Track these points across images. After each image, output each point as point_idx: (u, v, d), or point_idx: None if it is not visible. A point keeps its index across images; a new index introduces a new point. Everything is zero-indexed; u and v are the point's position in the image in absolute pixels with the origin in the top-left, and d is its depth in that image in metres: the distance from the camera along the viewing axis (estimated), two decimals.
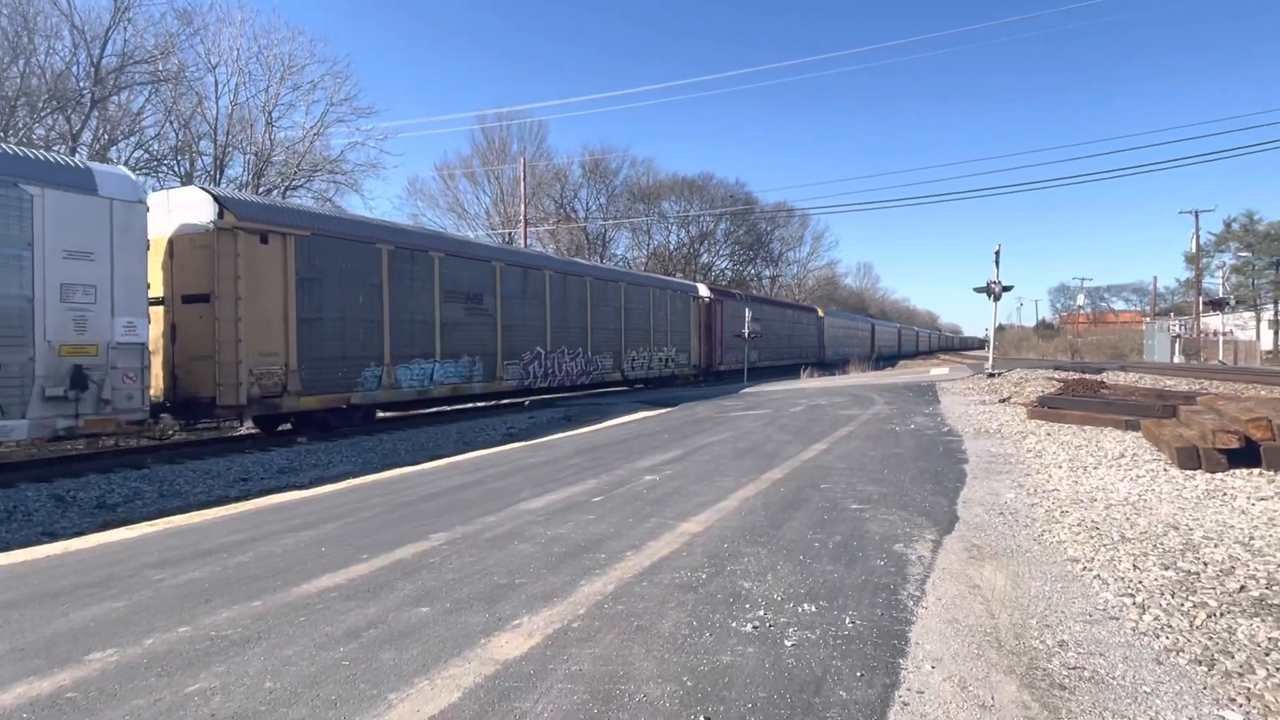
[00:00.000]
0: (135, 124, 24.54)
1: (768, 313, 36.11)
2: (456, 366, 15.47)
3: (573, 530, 5.52)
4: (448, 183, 50.34)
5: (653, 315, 24.25)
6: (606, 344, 21.36)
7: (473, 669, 3.15)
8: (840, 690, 2.94)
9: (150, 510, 7.90)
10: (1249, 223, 61.95)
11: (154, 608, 3.98)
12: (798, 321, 41.94)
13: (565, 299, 19.46)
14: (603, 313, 21.28)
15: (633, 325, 22.87)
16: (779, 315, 38.82)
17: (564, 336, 19.27)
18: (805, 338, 42.30)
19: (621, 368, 22.23)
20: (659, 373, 24.61)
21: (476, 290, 16.14)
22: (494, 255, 17.38)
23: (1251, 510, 5.68)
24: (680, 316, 26.45)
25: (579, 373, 19.89)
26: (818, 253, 73.59)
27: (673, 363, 25.71)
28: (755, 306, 32.71)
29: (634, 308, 22.97)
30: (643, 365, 23.54)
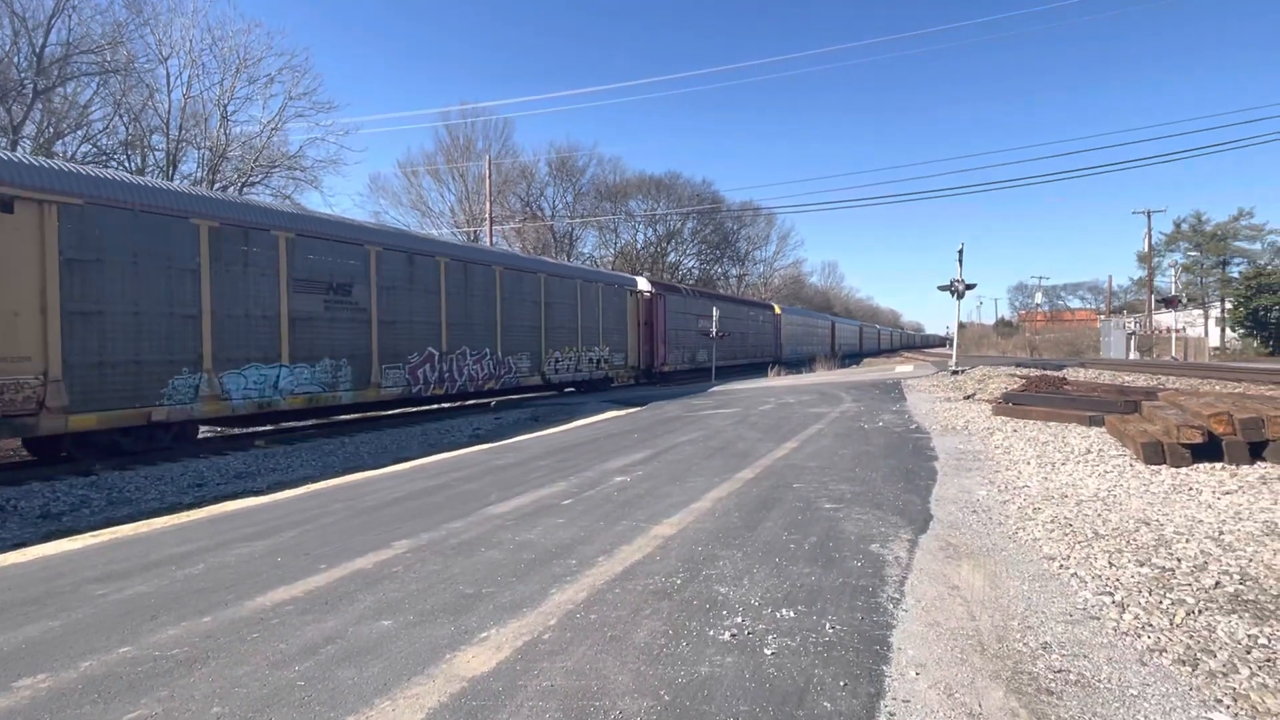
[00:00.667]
0: (82, 117, 23.65)
1: (719, 309, 33.90)
2: (314, 372, 12.59)
3: (542, 535, 5.34)
4: (411, 180, 49.60)
5: (581, 311, 21.47)
6: (522, 343, 18.58)
7: (438, 687, 2.98)
8: (824, 701, 2.83)
9: (97, 519, 7.52)
10: (1197, 223, 63.98)
11: (94, 626, 3.72)
12: (753, 319, 39.55)
13: (468, 291, 16.66)
14: (518, 307, 18.46)
15: (556, 322, 20.17)
16: (732, 312, 36.26)
17: (466, 335, 16.54)
18: (761, 336, 40.22)
19: (542, 370, 19.39)
20: (589, 375, 21.91)
21: (343, 279, 13.26)
22: (367, 237, 14.20)
23: (1218, 504, 5.73)
24: (616, 313, 23.73)
25: (486, 376, 17.16)
26: (784, 252, 74.25)
27: (606, 364, 22.92)
28: (702, 302, 31.53)
29: (557, 302, 20.22)
30: (569, 367, 20.84)
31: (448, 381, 16.00)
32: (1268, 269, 55.81)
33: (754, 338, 39.07)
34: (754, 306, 41.61)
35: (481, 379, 17.07)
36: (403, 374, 14.67)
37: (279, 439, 12.63)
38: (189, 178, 26.77)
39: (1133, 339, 48.40)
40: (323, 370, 12.83)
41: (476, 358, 16.92)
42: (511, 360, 18.22)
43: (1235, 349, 55.18)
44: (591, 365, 22.09)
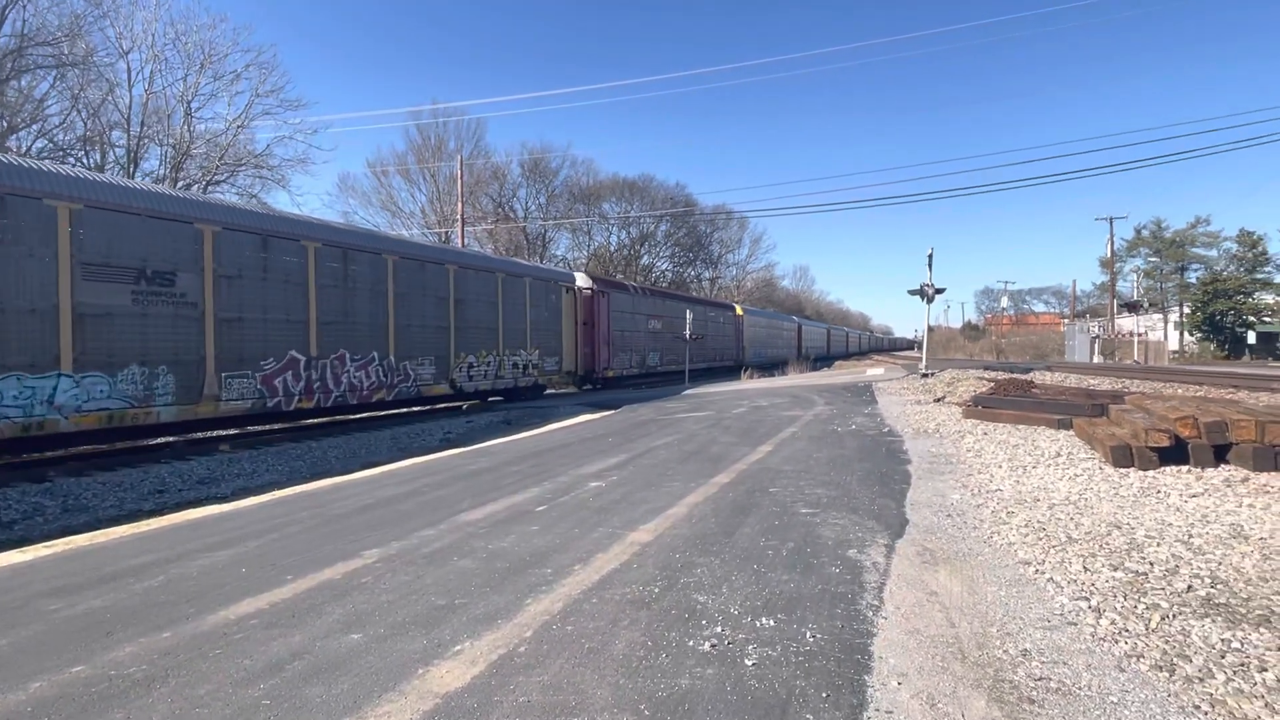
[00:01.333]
0: (38, 111, 22.93)
1: (670, 308, 31.55)
2: (114, 383, 9.91)
3: (516, 543, 5.24)
4: (381, 180, 48.92)
5: (504, 309, 18.76)
6: (424, 346, 15.95)
7: (410, 704, 2.87)
8: (806, 713, 2.78)
9: (52, 528, 7.24)
10: (1157, 230, 65.60)
11: (44, 644, 3.55)
12: (712, 320, 37.01)
13: (348, 284, 13.88)
14: (418, 304, 15.76)
15: (470, 321, 17.39)
16: (685, 311, 33.85)
17: (346, 336, 13.79)
18: (722, 338, 38.06)
19: (450, 377, 16.65)
20: (513, 382, 19.17)
21: (162, 266, 10.53)
22: (200, 212, 11.29)
23: (1186, 507, 5.82)
24: (548, 312, 20.98)
25: (373, 385, 14.42)
26: (756, 255, 74.64)
27: (535, 369, 20.20)
28: (654, 301, 29.38)
29: (472, 299, 17.54)
30: (487, 373, 18.01)
31: (319, 392, 13.16)
32: (1223, 275, 57.45)
33: (714, 340, 37.16)
34: (713, 307, 39.29)
35: (367, 388, 14.27)
36: (252, 383, 11.95)
37: (244, 443, 12.32)
38: (151, 175, 26.12)
39: (1096, 342, 49.47)
40: (128, 380, 10.09)
41: (360, 363, 14.13)
42: (409, 366, 15.46)
43: (1193, 352, 56.71)
44: (517, 371, 19.38)
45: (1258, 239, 57.29)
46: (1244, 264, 57.91)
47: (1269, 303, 56.53)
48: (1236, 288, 55.37)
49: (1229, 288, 55.32)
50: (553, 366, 21.35)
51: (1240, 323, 55.58)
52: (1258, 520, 5.34)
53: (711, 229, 65.15)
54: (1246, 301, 55.47)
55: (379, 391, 14.65)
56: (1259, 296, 56.65)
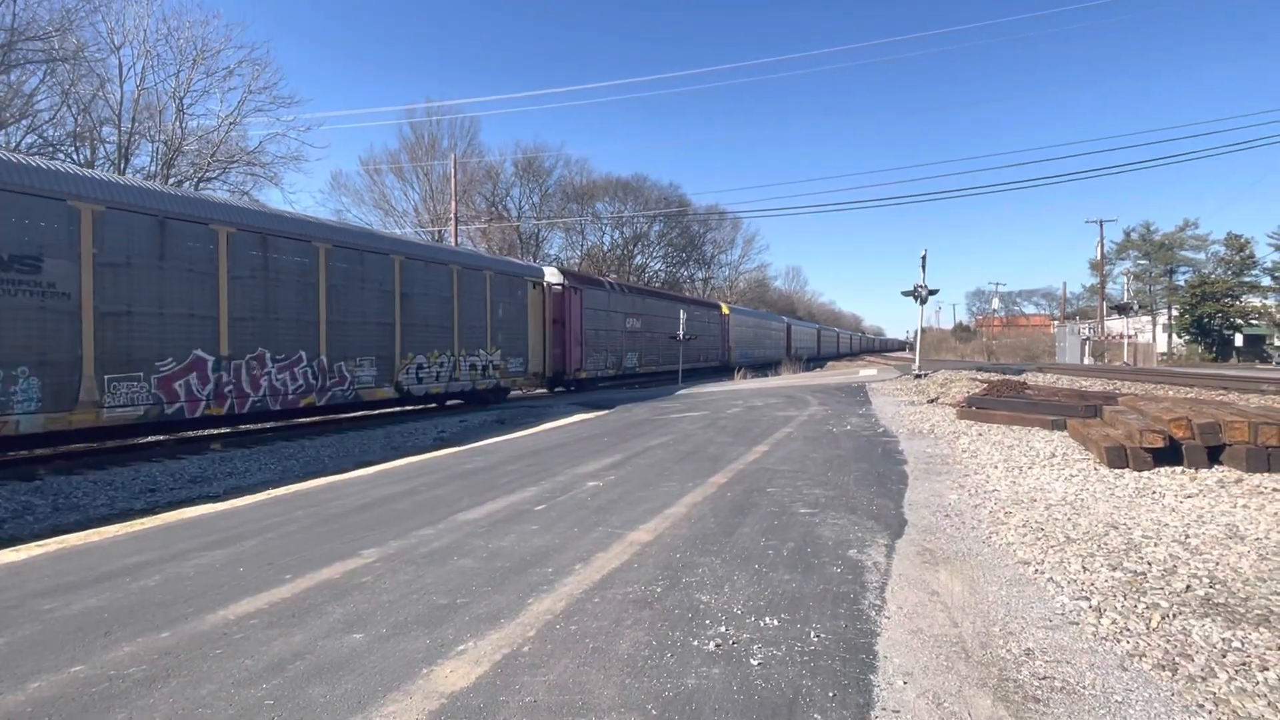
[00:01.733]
0: (28, 106, 22.68)
1: (650, 306, 29.98)
2: None
3: (516, 543, 5.22)
4: (374, 178, 48.69)
5: (461, 305, 16.97)
6: (364, 345, 14.25)
7: (415, 704, 2.85)
8: (814, 713, 2.78)
9: (42, 527, 7.17)
10: (1146, 233, 66.21)
11: (41, 644, 3.50)
12: (696, 319, 34.93)
13: (269, 274, 12.13)
14: (356, 298, 14.05)
15: (420, 318, 15.69)
16: (668, 310, 31.72)
17: (266, 333, 12.07)
18: (706, 338, 36.42)
19: (396, 379, 14.97)
20: (471, 384, 17.44)
21: (22, 249, 8.91)
22: (77, 189, 9.64)
23: (1181, 508, 5.86)
24: (513, 308, 19.25)
25: (301, 389, 12.71)
26: (749, 256, 74.80)
27: (497, 370, 18.40)
28: (632, 299, 27.90)
29: (422, 293, 15.84)
30: (440, 375, 16.29)
31: (232, 397, 11.54)
32: (1211, 278, 57.96)
33: (698, 340, 35.30)
34: (698, 305, 37.59)
35: (293, 392, 12.58)
36: (145, 388, 10.33)
37: (235, 442, 12.24)
38: (142, 171, 25.91)
39: (1087, 344, 49.81)
40: None
41: (284, 364, 12.41)
42: (344, 367, 13.69)
43: (1181, 354, 57.19)
44: (475, 372, 17.60)
45: (1245, 242, 57.86)
46: (1232, 267, 58.47)
47: (1256, 306, 57.09)
48: (1224, 291, 55.90)
49: (1217, 290, 55.82)
50: (517, 367, 19.54)
51: (1228, 325, 56.10)
52: (1253, 521, 5.38)
53: (705, 229, 65.26)
54: (1234, 304, 56.02)
55: (307, 396, 12.88)
56: (1246, 299, 57.22)
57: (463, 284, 17.31)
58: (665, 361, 30.90)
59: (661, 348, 30.52)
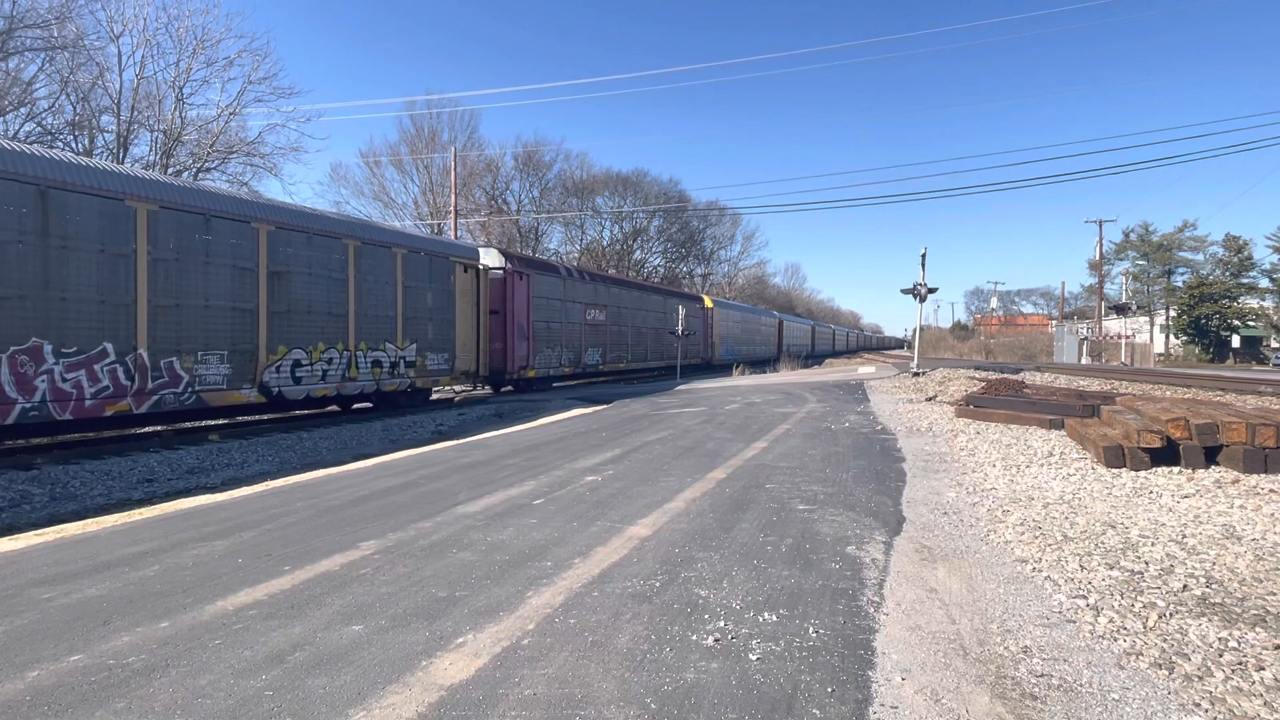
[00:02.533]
0: (26, 94, 22.59)
1: (617, 297, 26.63)
2: None
3: (515, 536, 5.23)
4: (373, 170, 48.58)
5: (359, 287, 13.91)
6: (210, 336, 11.37)
7: (415, 696, 2.86)
8: (813, 708, 2.79)
9: (39, 517, 7.17)
10: (1145, 233, 66.26)
11: (40, 632, 3.50)
12: (670, 313, 31.65)
13: (49, 241, 9.34)
14: (197, 276, 11.18)
15: (299, 303, 12.56)
16: (639, 302, 28.78)
17: (43, 319, 9.28)
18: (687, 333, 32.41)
19: (259, 379, 12.02)
20: (374, 385, 14.45)
21: None
22: None
23: (1178, 508, 5.87)
24: (437, 294, 16.36)
25: (106, 392, 9.97)
26: (748, 252, 74.82)
27: (412, 368, 15.57)
28: (594, 288, 24.85)
29: (301, 272, 12.66)
30: (327, 374, 13.23)
31: None
32: (1209, 279, 58.05)
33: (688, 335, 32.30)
34: (675, 297, 34.40)
35: (93, 396, 9.79)
36: None
37: (233, 433, 12.23)
38: (141, 161, 25.82)
39: (1085, 344, 49.87)
40: None
41: (77, 359, 9.63)
42: (178, 364, 10.90)
43: (1178, 355, 57.31)
44: (381, 370, 14.68)
45: (1243, 244, 57.96)
46: (1230, 268, 58.58)
47: (1254, 307, 57.19)
48: (1222, 292, 56.01)
49: (1214, 292, 55.93)
50: (440, 364, 16.68)
51: (1225, 326, 56.25)
52: (1249, 521, 5.40)
53: (704, 225, 65.23)
54: (1231, 305, 56.13)
55: (117, 402, 10.08)
56: (1244, 301, 57.32)
57: (363, 263, 14.29)
58: (636, 358, 28.02)
59: (631, 343, 27.40)
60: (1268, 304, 57.41)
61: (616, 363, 26.31)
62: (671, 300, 33.25)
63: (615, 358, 26.26)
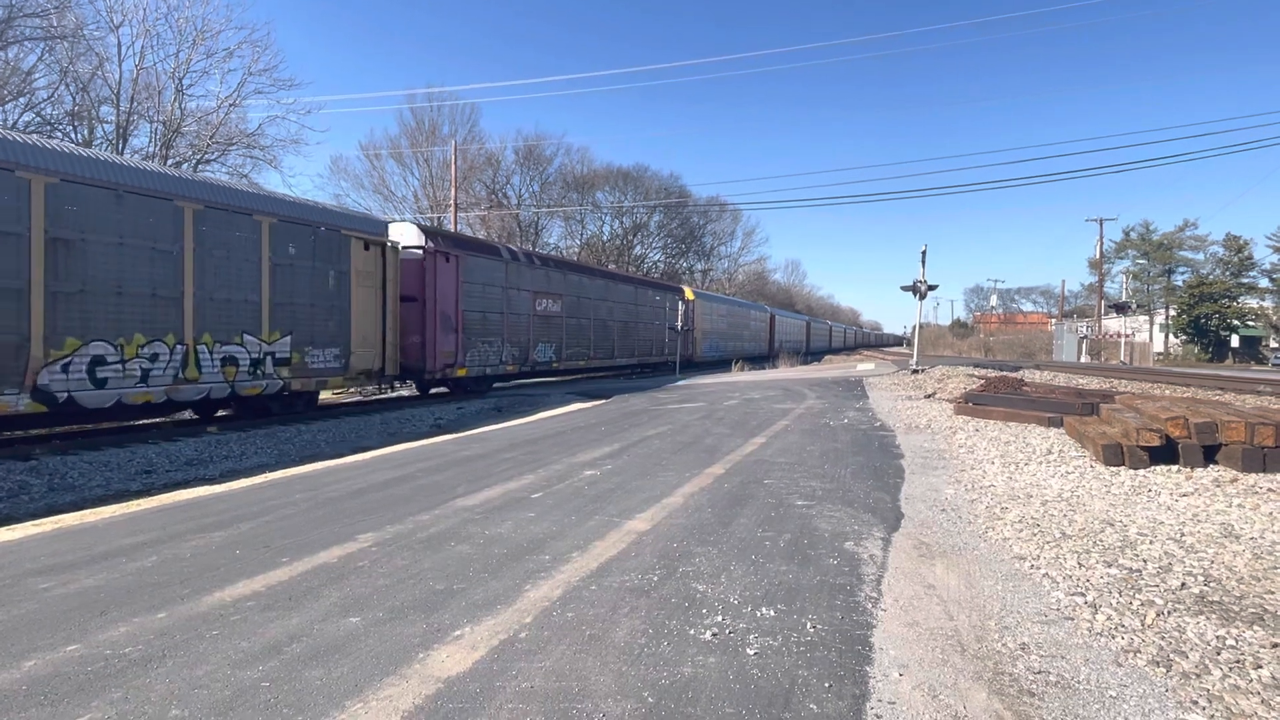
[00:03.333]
0: (25, 84, 22.50)
1: (578, 286, 23.19)
2: None
3: (513, 530, 5.23)
4: (373, 163, 48.48)
5: (200, 265, 10.80)
6: None
7: (412, 688, 2.85)
8: (810, 703, 2.79)
9: (37, 507, 7.16)
10: (1145, 232, 66.20)
11: (38, 622, 3.50)
12: (643, 305, 28.28)
13: None
14: None
15: (97, 282, 9.53)
16: (603, 292, 25.05)
17: None
18: (655, 328, 29.71)
19: (31, 380, 8.90)
20: (226, 388, 11.32)
21: None
22: None
23: (1176, 506, 5.88)
24: (326, 277, 13.14)
25: None
26: (749, 248, 74.61)
27: (286, 367, 12.37)
28: (544, 273, 21.27)
29: (109, 240, 9.66)
30: (154, 373, 10.28)
31: None
32: (1209, 279, 58.03)
33: (647, 330, 28.84)
34: (647, 288, 30.09)
35: None
36: None
37: (231, 426, 12.22)
38: (139, 152, 25.75)
39: (1084, 343, 49.87)
40: None
41: None
42: None
43: (1177, 354, 57.33)
44: (239, 370, 11.54)
45: (1244, 244, 57.92)
46: (1230, 268, 58.55)
47: (1253, 307, 57.19)
48: (1222, 291, 55.99)
49: (1214, 291, 55.91)
50: (328, 362, 13.38)
51: (1224, 326, 56.24)
52: (1248, 520, 5.40)
53: (705, 221, 65.10)
54: (1231, 305, 56.11)
55: None
56: (1243, 301, 57.30)
57: (207, 232, 11.02)
58: (601, 355, 24.73)
59: (595, 338, 24.18)
60: (1267, 304, 57.42)
61: (574, 360, 22.74)
62: (645, 291, 29.18)
63: (574, 354, 22.72)
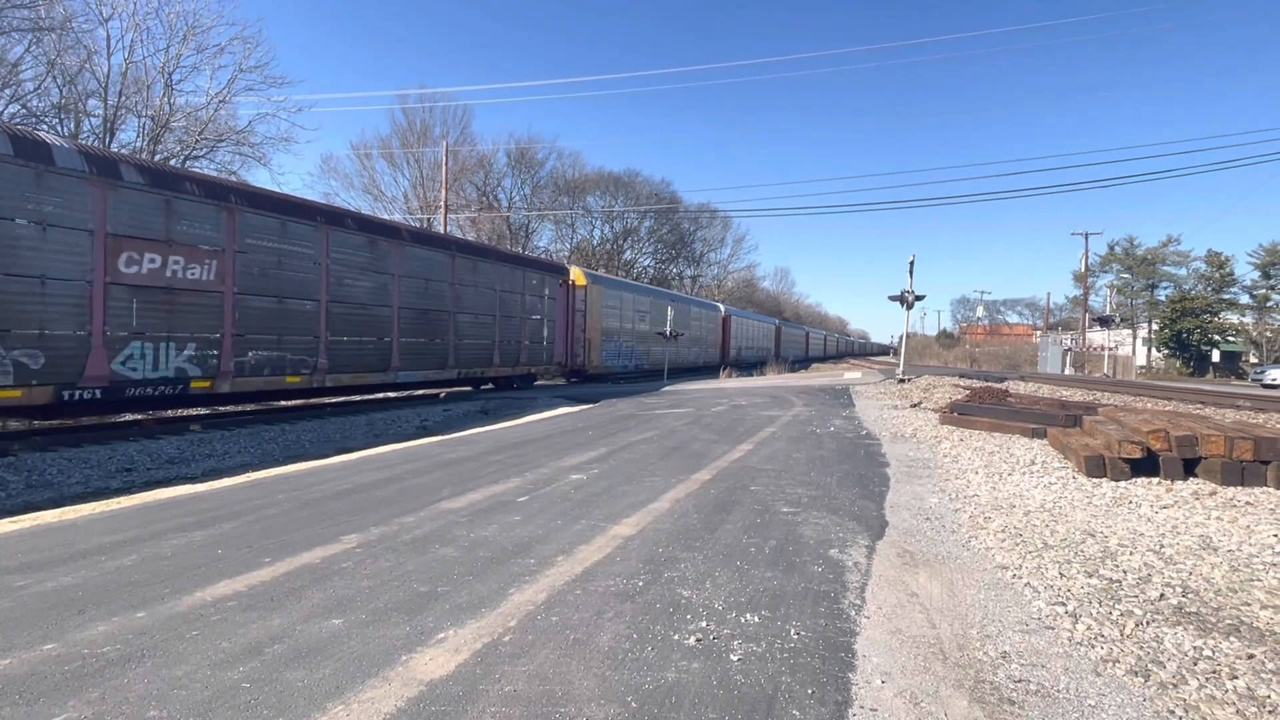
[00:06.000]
0: (12, 75, 22.27)
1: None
2: None
3: (498, 533, 5.21)
4: (364, 162, 48.33)
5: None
6: None
7: (394, 691, 2.84)
8: (793, 709, 2.80)
9: (15, 504, 7.07)
10: (1130, 247, 67.00)
11: (13, 620, 3.45)
12: (468, 284, 17.66)
13: None
14: None
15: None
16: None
17: None
18: (526, 323, 20.50)
19: None
20: None
21: None
22: None
23: (1156, 518, 5.94)
24: None
25: None
26: (738, 255, 74.90)
27: None
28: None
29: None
30: None
31: None
32: (1191, 294, 58.77)
33: (509, 326, 19.54)
34: (521, 266, 20.80)
35: None
36: None
37: (214, 424, 12.11)
38: (128, 146, 25.52)
39: (1068, 355, 50.35)
40: None
41: None
42: None
43: (1159, 368, 57.97)
44: None
45: (1225, 260, 58.74)
46: (1211, 284, 59.34)
47: (1234, 323, 57.97)
48: (1203, 307, 56.70)
49: (1196, 306, 56.61)
50: None
51: (1205, 341, 56.94)
52: (1226, 533, 5.47)
53: (695, 227, 65.30)
54: (1212, 321, 56.83)
55: None
56: (1225, 316, 58.06)
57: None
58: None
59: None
60: (1247, 320, 58.23)
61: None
62: (466, 262, 17.30)
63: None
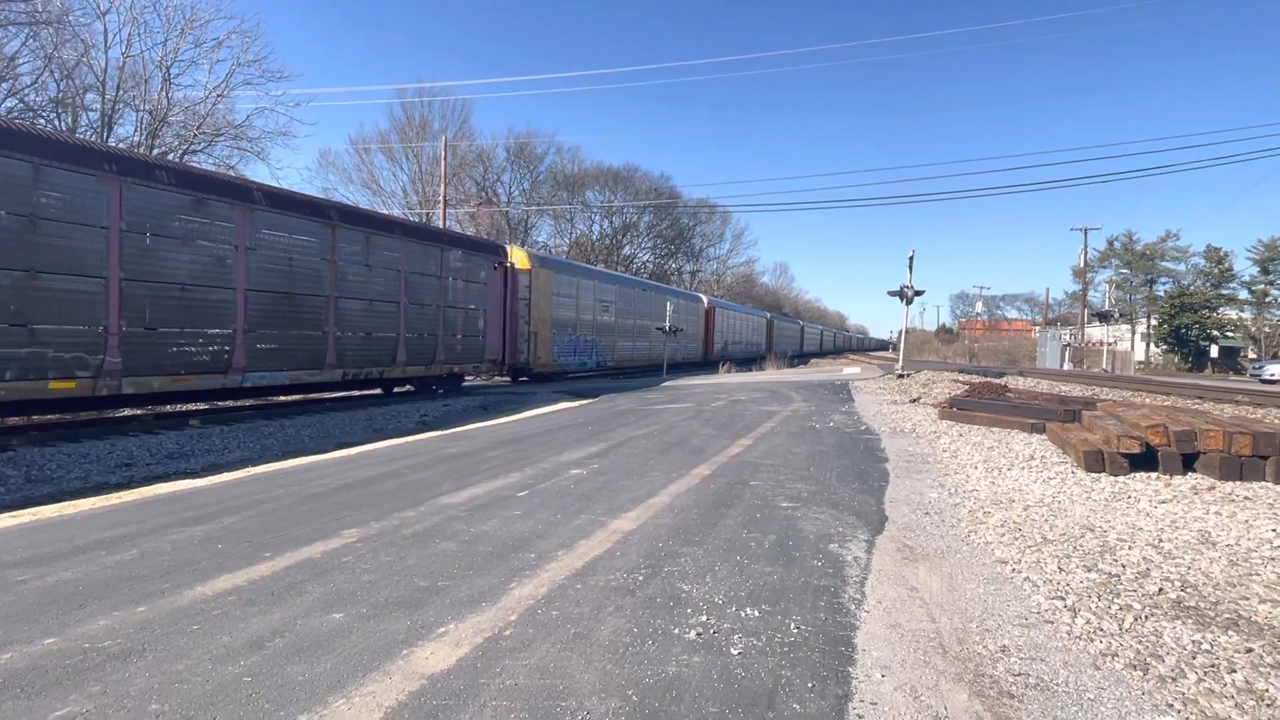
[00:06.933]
0: (9, 69, 22.18)
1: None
2: None
3: (498, 527, 5.21)
4: (363, 157, 48.19)
5: None
6: None
7: (395, 685, 2.84)
8: (793, 703, 2.80)
9: (14, 499, 7.06)
10: (1129, 242, 66.90)
11: (13, 615, 3.45)
12: (380, 266, 14.47)
13: None
14: None
15: None
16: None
17: None
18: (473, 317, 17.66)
19: None
20: None
21: None
22: None
23: (1155, 513, 5.95)
24: None
25: None
26: (737, 250, 74.83)
27: None
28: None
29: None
30: None
31: None
32: (1190, 289, 58.79)
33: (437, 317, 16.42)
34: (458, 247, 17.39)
35: None
36: None
37: (214, 419, 12.10)
38: (126, 140, 25.43)
39: (1067, 350, 50.39)
40: None
41: None
42: None
43: (1158, 363, 58.04)
44: None
45: (1224, 255, 58.70)
46: (1210, 279, 59.32)
47: (1232, 318, 58.01)
48: (1202, 302, 56.73)
49: (1195, 302, 56.64)
50: None
51: (1204, 336, 57.00)
52: (1224, 527, 5.48)
53: (694, 222, 65.24)
54: (1211, 316, 56.86)
55: None
56: (1223, 312, 58.10)
57: None
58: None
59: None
60: (1246, 315, 58.26)
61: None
62: (349, 231, 13.88)
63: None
